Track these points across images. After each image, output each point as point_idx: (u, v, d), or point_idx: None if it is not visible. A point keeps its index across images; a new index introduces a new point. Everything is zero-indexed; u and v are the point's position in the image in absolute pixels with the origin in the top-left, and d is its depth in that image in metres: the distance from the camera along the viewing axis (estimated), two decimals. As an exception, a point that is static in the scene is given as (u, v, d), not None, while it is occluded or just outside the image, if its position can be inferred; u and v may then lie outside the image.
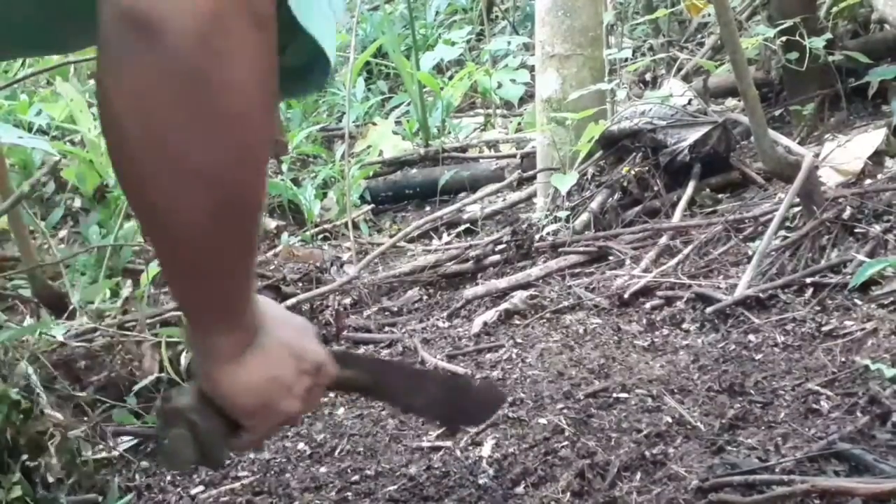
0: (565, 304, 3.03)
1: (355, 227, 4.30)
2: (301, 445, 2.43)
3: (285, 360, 1.05)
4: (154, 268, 2.98)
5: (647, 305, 2.91)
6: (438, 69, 6.03)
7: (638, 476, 1.98)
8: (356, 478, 2.20)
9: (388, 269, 3.74)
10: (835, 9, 3.95)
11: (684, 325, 2.75)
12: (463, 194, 4.60)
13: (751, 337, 2.56)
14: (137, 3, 0.74)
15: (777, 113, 4.30)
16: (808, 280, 2.72)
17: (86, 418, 2.47)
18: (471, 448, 2.22)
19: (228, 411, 1.04)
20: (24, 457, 2.15)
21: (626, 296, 2.95)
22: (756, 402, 2.20)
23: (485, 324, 2.98)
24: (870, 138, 3.47)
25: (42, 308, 3.16)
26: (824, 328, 2.49)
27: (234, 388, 1.01)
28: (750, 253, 2.98)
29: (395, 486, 2.12)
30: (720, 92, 4.64)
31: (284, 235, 4.06)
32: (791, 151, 3.26)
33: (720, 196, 3.66)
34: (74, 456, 2.26)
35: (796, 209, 3.07)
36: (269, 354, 1.02)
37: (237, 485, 2.30)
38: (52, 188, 4.67)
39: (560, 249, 3.45)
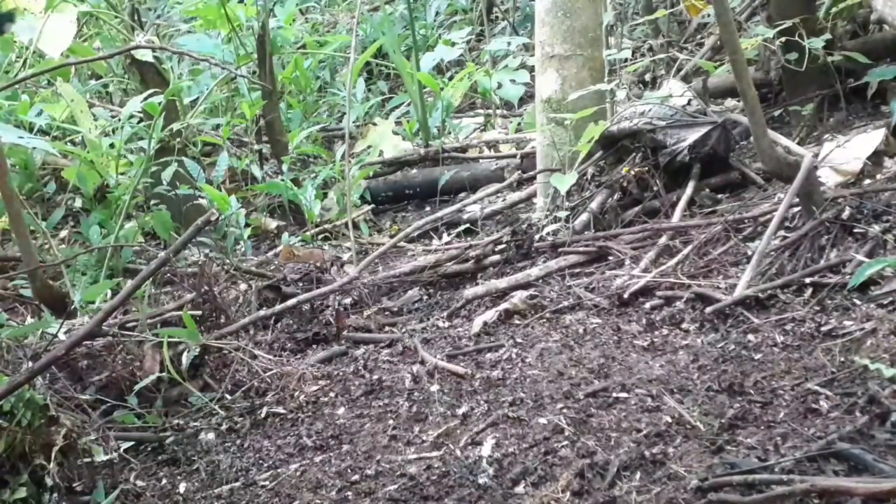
0: (565, 304, 3.04)
1: (355, 227, 4.31)
2: (301, 445, 2.44)
3: None
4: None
5: (647, 305, 2.91)
6: (438, 69, 6.03)
7: (637, 476, 1.98)
8: (356, 478, 2.20)
9: (389, 269, 3.74)
10: (834, 9, 3.95)
11: (684, 325, 2.76)
12: (463, 194, 4.61)
13: (750, 337, 2.56)
14: None
15: (776, 113, 4.31)
16: (808, 280, 2.72)
17: (87, 420, 2.47)
18: (471, 448, 2.23)
19: None
20: (36, 460, 2.15)
21: (625, 296, 2.96)
22: (755, 402, 2.21)
23: (485, 324, 2.98)
24: (869, 138, 3.47)
25: (43, 308, 3.17)
26: (823, 328, 2.49)
27: None
28: (749, 253, 2.99)
29: (395, 486, 2.13)
30: (719, 92, 4.65)
31: (285, 235, 4.06)
32: (790, 152, 3.27)
33: (720, 196, 3.66)
34: (81, 458, 2.27)
35: (796, 209, 3.08)
36: None
37: (237, 484, 2.30)
38: (53, 188, 4.68)
39: (560, 249, 3.45)
